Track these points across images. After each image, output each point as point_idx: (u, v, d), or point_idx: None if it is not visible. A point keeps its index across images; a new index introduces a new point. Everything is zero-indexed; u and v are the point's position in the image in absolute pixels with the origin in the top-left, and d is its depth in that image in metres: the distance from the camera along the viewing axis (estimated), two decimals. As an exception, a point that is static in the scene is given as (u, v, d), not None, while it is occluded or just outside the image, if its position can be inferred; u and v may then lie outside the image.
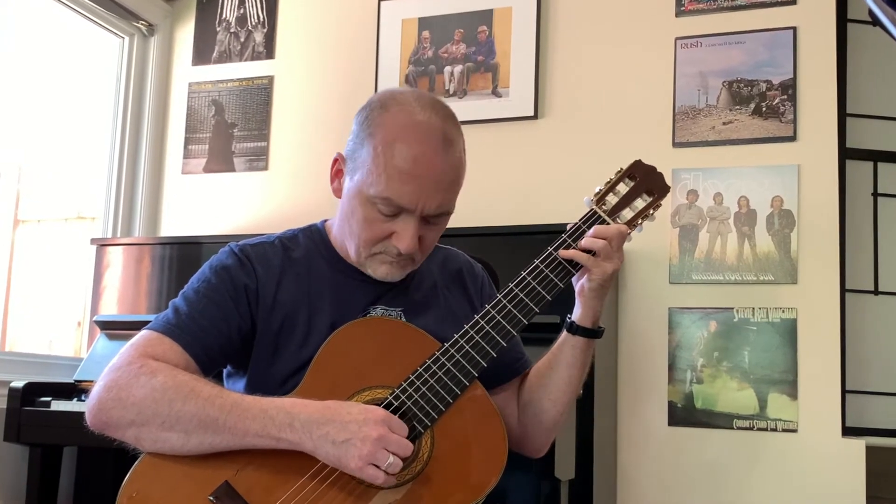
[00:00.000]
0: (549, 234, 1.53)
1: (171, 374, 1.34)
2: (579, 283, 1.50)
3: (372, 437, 1.27)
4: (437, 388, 1.39)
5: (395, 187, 1.40)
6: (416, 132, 1.42)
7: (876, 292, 2.94)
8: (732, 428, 2.80)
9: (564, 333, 1.54)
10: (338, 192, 1.54)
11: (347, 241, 1.51)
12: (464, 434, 1.40)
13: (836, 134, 2.83)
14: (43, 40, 3.49)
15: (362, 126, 1.46)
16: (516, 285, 1.47)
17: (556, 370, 1.55)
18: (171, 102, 3.67)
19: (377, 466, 1.27)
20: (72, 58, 3.62)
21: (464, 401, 1.41)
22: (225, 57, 3.61)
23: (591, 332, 1.52)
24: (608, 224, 1.50)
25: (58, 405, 2.72)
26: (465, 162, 1.49)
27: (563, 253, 1.47)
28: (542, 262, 1.48)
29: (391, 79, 3.33)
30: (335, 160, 1.53)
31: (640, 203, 1.54)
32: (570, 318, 1.53)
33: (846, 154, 2.89)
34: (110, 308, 3.24)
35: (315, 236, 1.59)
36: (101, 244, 3.33)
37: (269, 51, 3.56)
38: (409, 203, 1.41)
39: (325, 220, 1.63)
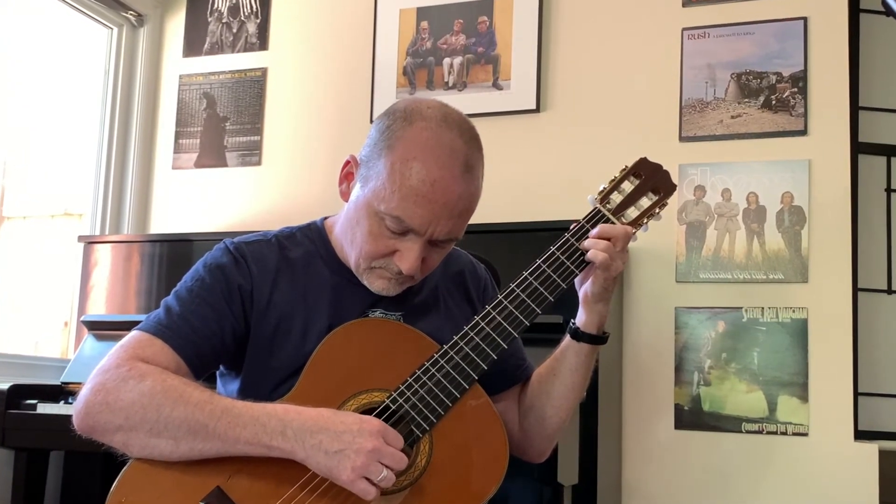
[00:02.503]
0: (552, 231, 1.53)
1: (161, 378, 1.34)
2: (582, 288, 1.49)
3: (366, 448, 1.27)
4: (436, 391, 1.39)
5: (407, 207, 1.39)
6: (437, 154, 1.40)
7: (889, 291, 2.94)
8: (741, 431, 2.80)
9: (568, 339, 1.53)
10: (345, 196, 1.52)
11: (348, 247, 1.51)
12: (463, 439, 1.40)
13: (849, 128, 2.82)
14: (28, 31, 3.48)
15: (382, 135, 1.44)
16: (517, 285, 1.46)
17: (558, 376, 1.54)
18: (161, 95, 3.67)
19: (369, 480, 1.27)
20: (58, 49, 3.62)
21: (463, 405, 1.41)
22: (217, 48, 3.61)
23: (596, 339, 1.51)
24: (612, 223, 1.50)
25: (44, 408, 2.72)
26: (481, 188, 1.48)
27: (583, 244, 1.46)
28: (544, 261, 1.47)
29: (388, 71, 3.32)
30: (347, 162, 1.52)
31: (645, 202, 1.54)
32: (573, 324, 1.52)
33: (859, 148, 2.89)
34: (98, 308, 3.23)
35: (314, 235, 1.59)
36: (89, 242, 3.33)
37: (262, 42, 3.56)
38: (419, 226, 1.41)
39: (326, 218, 1.62)
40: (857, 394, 2.76)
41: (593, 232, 1.47)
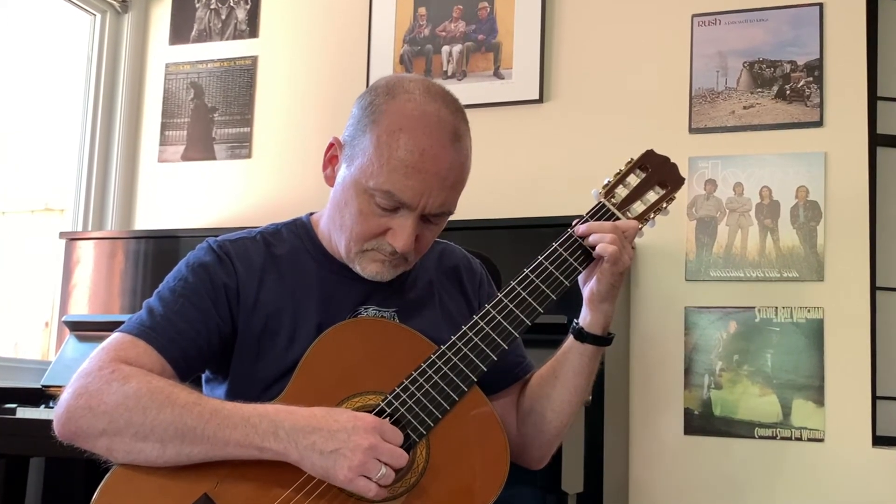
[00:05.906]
0: (555, 227, 1.54)
1: (146, 380, 1.34)
2: (587, 286, 1.50)
3: (362, 446, 1.27)
4: (434, 393, 1.39)
5: (398, 180, 1.40)
6: (424, 124, 1.42)
7: (909, 290, 2.95)
8: (754, 437, 2.81)
9: (571, 339, 1.54)
10: (330, 180, 1.53)
11: (337, 234, 1.51)
12: (462, 443, 1.41)
13: (866, 119, 2.83)
14: (6, 18, 3.48)
15: (365, 111, 1.46)
16: (518, 283, 1.46)
17: (560, 378, 1.55)
18: (147, 85, 3.67)
19: (368, 478, 1.27)
20: (39, 37, 3.61)
21: (462, 408, 1.41)
22: (205, 36, 3.61)
23: (601, 340, 1.52)
24: (617, 218, 1.50)
25: (24, 412, 2.72)
26: (471, 160, 1.50)
27: (579, 230, 1.47)
28: (546, 258, 1.48)
29: (384, 59, 3.33)
30: (330, 145, 1.53)
31: (651, 196, 1.54)
32: (577, 324, 1.52)
33: (876, 140, 2.89)
34: (80, 307, 3.24)
35: (300, 231, 1.59)
36: (71, 238, 3.33)
37: (252, 29, 3.56)
38: (411, 199, 1.41)
39: (312, 214, 1.63)
40: (875, 397, 2.76)
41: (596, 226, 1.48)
